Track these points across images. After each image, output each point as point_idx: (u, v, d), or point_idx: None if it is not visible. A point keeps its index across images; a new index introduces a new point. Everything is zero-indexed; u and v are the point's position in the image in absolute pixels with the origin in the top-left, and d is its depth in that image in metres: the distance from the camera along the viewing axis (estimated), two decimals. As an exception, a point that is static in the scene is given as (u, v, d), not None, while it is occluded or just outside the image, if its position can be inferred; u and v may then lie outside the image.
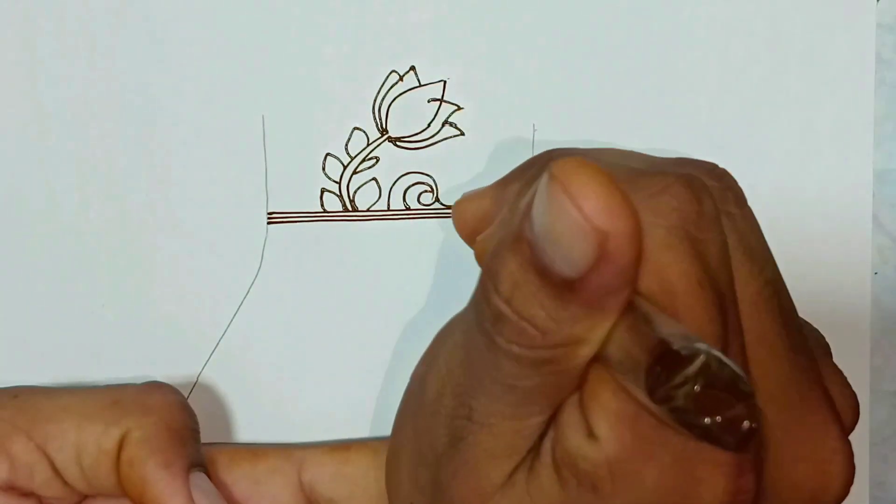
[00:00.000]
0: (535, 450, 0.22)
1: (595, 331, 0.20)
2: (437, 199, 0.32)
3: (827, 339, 0.25)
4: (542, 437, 0.22)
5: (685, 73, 0.32)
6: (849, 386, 0.24)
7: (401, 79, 0.32)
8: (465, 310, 0.23)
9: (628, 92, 0.32)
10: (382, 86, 0.32)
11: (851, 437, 0.23)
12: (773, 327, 0.22)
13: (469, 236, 0.29)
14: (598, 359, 0.21)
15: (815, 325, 0.25)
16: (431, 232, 0.32)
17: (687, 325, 0.20)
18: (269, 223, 0.32)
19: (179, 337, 0.32)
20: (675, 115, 0.33)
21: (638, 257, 0.19)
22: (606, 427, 0.20)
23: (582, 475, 0.21)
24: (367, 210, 0.32)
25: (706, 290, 0.21)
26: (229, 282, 0.32)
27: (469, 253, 0.32)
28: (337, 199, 0.32)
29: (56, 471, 0.29)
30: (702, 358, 0.18)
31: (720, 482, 0.20)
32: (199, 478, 0.29)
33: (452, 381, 0.23)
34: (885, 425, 0.34)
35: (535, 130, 0.32)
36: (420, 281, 0.32)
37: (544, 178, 0.19)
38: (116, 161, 0.32)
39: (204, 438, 0.31)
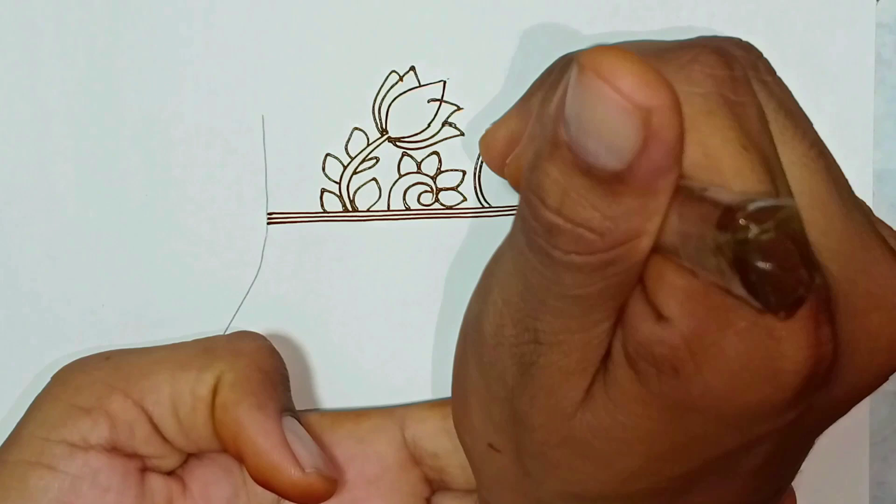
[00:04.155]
0: (605, 359, 0.22)
1: (652, 219, 0.20)
2: (437, 199, 0.32)
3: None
4: (609, 345, 0.22)
5: (685, 73, 0.32)
6: None
7: (401, 79, 0.32)
8: (509, 239, 0.23)
9: (628, 92, 0.32)
10: (382, 86, 0.32)
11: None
12: (825, 186, 0.22)
13: (502, 166, 0.29)
14: (653, 249, 0.20)
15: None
16: (431, 232, 0.32)
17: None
18: (269, 223, 0.32)
19: (179, 337, 0.32)
20: (675, 115, 0.33)
21: (682, 130, 0.19)
22: (677, 305, 0.20)
23: (661, 361, 0.20)
24: (367, 210, 0.32)
25: (751, 152, 0.20)
26: (229, 282, 0.32)
27: (468, 253, 0.32)
28: (337, 199, 0.32)
29: (155, 426, 0.28)
30: (788, 208, 0.17)
31: (801, 337, 0.20)
32: (291, 422, 0.28)
33: (511, 310, 0.23)
34: (886, 425, 0.34)
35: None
36: (420, 281, 0.32)
37: (573, 73, 0.19)
38: (116, 161, 0.32)
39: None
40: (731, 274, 0.18)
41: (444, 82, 0.32)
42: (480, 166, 0.32)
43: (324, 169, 0.32)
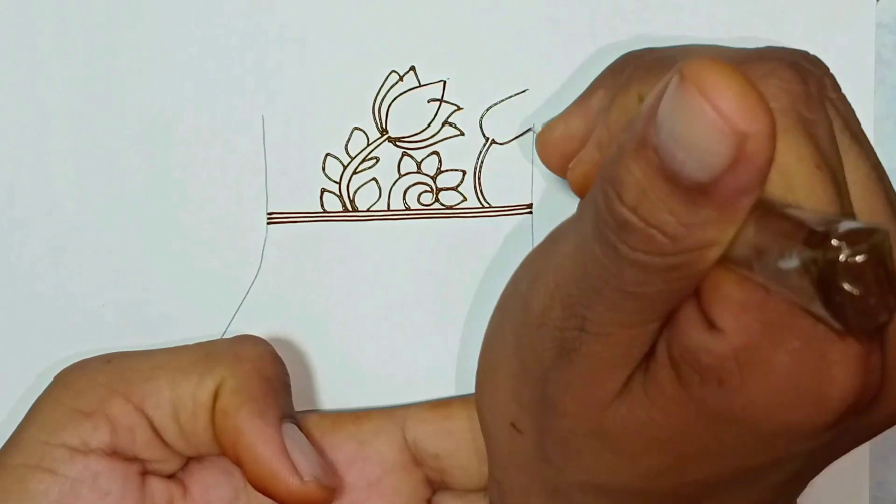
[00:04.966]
0: (648, 355, 0.22)
1: (726, 231, 0.20)
2: (437, 199, 0.32)
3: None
4: (654, 344, 0.22)
5: (685, 73, 0.32)
6: None
7: (401, 79, 0.32)
8: (572, 223, 0.23)
9: (628, 92, 0.32)
10: (382, 86, 0.32)
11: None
12: (885, 210, 0.22)
13: (559, 164, 0.29)
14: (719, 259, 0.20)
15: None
16: (431, 232, 0.32)
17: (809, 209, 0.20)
18: (269, 223, 0.32)
19: (180, 337, 0.32)
20: (675, 115, 0.33)
21: (774, 156, 0.19)
22: (731, 317, 0.20)
23: (706, 370, 0.20)
24: (367, 210, 0.32)
25: (824, 171, 0.21)
26: (229, 282, 0.32)
27: (468, 253, 0.32)
28: (337, 199, 0.32)
29: (155, 430, 0.29)
30: (881, 233, 0.17)
31: (852, 363, 0.20)
32: (291, 429, 0.28)
33: (562, 293, 0.23)
34: (885, 425, 0.34)
35: (535, 131, 0.32)
36: (420, 281, 0.32)
37: (674, 81, 0.18)
38: (116, 161, 0.32)
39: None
40: (813, 293, 0.18)
41: (444, 82, 0.32)
42: (480, 166, 0.32)
43: (324, 169, 0.32)
